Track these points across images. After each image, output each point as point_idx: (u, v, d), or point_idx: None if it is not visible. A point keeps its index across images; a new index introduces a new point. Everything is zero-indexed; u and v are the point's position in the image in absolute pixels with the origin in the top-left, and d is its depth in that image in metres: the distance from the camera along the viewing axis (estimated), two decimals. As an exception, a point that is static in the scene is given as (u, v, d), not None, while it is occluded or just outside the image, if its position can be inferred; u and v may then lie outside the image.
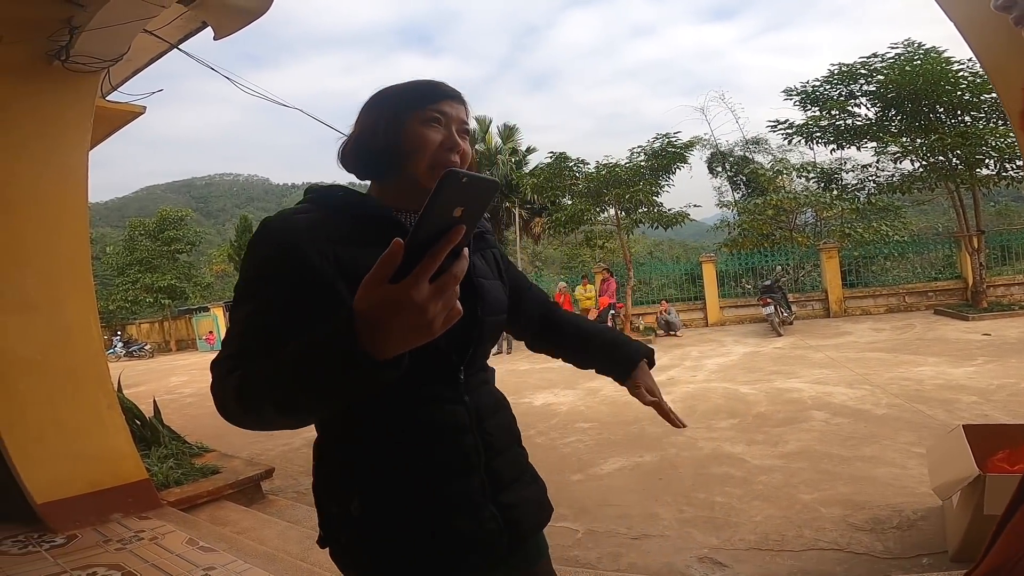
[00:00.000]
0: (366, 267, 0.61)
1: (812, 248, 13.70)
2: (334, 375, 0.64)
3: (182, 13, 3.59)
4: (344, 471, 0.90)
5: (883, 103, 12.40)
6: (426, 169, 0.90)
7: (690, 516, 3.53)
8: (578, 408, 6.71)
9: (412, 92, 0.93)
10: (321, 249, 0.83)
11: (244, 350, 0.79)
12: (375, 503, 0.88)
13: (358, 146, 0.95)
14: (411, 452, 0.88)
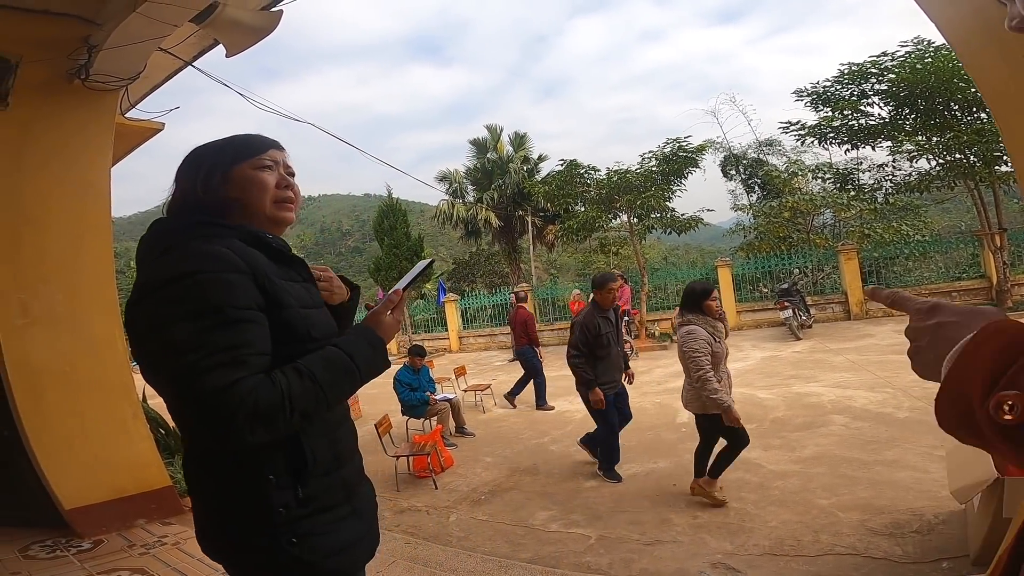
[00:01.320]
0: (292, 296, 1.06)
1: (830, 250, 13.48)
2: (378, 361, 1.08)
3: (195, 31, 3.71)
4: (286, 465, 1.01)
5: (896, 102, 12.21)
6: (271, 205, 1.11)
7: (704, 522, 3.51)
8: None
9: (241, 145, 1.13)
10: (272, 280, 1.03)
11: (255, 365, 0.94)
12: (313, 486, 1.04)
13: (187, 202, 1.09)
14: (335, 436, 1.11)
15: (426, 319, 18.41)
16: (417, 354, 6.38)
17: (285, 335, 1.01)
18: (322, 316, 1.14)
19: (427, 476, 4.88)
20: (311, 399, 0.95)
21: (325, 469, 1.06)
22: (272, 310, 1.00)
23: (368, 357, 1.05)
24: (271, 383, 0.92)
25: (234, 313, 0.93)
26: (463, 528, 3.88)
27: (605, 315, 4.48)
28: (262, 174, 1.10)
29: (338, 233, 73.00)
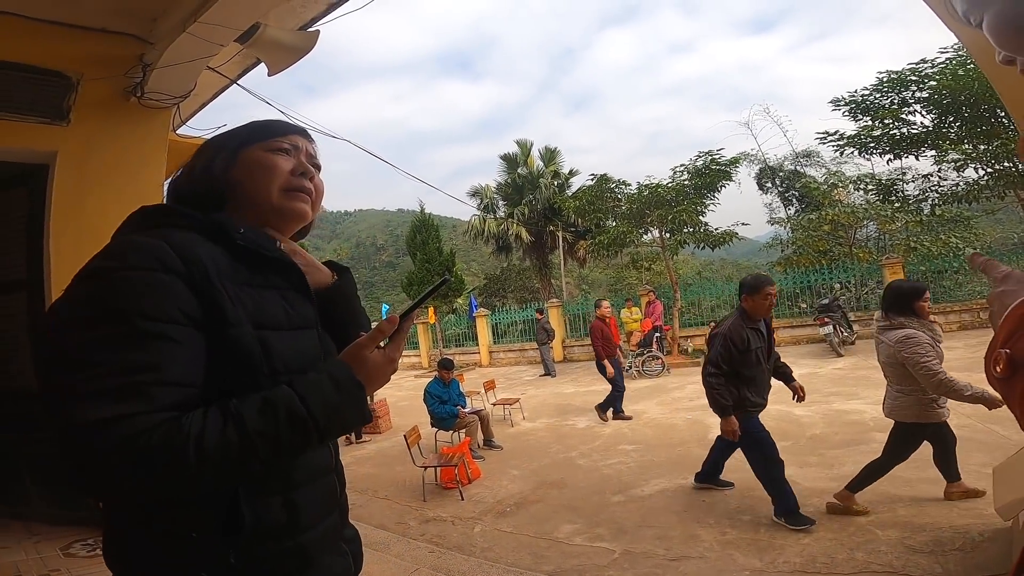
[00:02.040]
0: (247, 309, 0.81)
1: (874, 264, 13.01)
2: (348, 412, 0.80)
3: (239, 51, 3.92)
4: (215, 523, 0.78)
5: (939, 109, 11.81)
6: (279, 191, 0.94)
7: (733, 538, 3.40)
8: (622, 430, 6.59)
9: (258, 127, 0.99)
10: (225, 286, 0.81)
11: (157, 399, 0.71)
12: (253, 552, 0.80)
13: (191, 181, 0.95)
14: (292, 497, 0.85)
15: (457, 333, 18.56)
16: (446, 367, 6.44)
17: (230, 363, 0.78)
18: (295, 341, 0.87)
19: (454, 487, 4.89)
20: (232, 456, 0.70)
21: (274, 534, 0.82)
22: (213, 326, 0.77)
23: (331, 404, 0.77)
24: (174, 428, 0.68)
25: (144, 325, 0.71)
26: (487, 539, 3.87)
27: (755, 327, 3.69)
28: (274, 157, 0.95)
29: (372, 248, 74.54)
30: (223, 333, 0.78)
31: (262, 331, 0.82)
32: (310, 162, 0.99)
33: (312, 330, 0.93)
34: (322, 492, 0.91)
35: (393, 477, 5.62)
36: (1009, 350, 0.54)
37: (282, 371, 0.82)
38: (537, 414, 8.15)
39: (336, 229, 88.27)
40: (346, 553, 0.97)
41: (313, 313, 0.94)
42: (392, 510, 4.69)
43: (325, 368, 0.81)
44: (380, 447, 7.04)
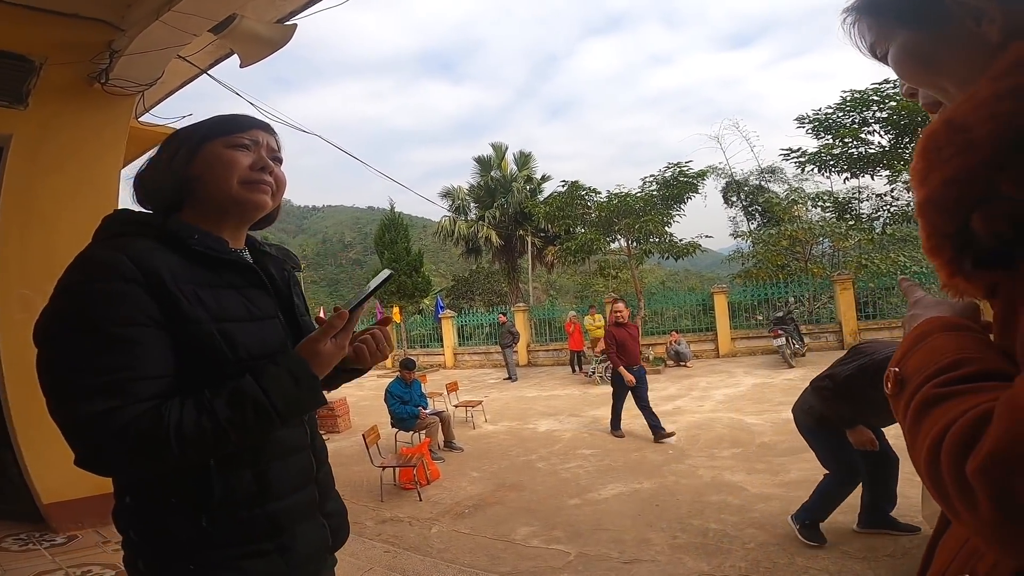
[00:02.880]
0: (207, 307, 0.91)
1: (826, 279, 13.58)
2: (304, 399, 0.92)
3: (212, 41, 3.84)
4: (190, 492, 0.91)
5: (897, 130, 12.38)
6: (237, 185, 0.99)
7: (683, 542, 3.52)
8: (581, 435, 6.70)
9: (220, 122, 1.03)
10: (182, 289, 0.89)
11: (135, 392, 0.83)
12: (223, 517, 0.92)
13: (155, 175, 1.01)
14: (263, 470, 0.95)
15: (422, 334, 18.45)
16: (408, 367, 6.42)
17: (197, 355, 0.89)
18: (257, 331, 0.98)
19: (412, 488, 4.89)
20: (208, 439, 0.83)
21: (245, 502, 0.93)
22: (176, 324, 0.88)
23: (290, 395, 0.90)
24: (156, 416, 0.82)
25: (113, 331, 0.82)
26: (444, 540, 3.89)
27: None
28: (234, 152, 0.99)
29: (340, 244, 73.29)
30: (185, 329, 0.88)
31: (224, 324, 0.92)
32: (271, 155, 1.04)
33: (274, 320, 1.03)
34: (295, 467, 1.01)
35: (350, 477, 5.57)
36: (898, 369, 0.56)
37: (247, 358, 0.92)
38: (499, 417, 8.20)
39: (303, 224, 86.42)
40: (324, 526, 1.07)
41: (273, 305, 1.04)
42: (349, 509, 4.58)
43: (285, 362, 0.92)
44: (338, 446, 6.96)
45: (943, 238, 0.53)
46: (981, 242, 0.50)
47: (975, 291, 0.55)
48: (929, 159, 0.53)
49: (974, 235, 0.50)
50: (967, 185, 0.49)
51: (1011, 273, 0.50)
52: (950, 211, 0.51)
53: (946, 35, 0.57)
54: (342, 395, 9.09)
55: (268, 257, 1.12)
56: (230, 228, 1.03)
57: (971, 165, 0.49)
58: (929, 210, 0.53)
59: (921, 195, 0.54)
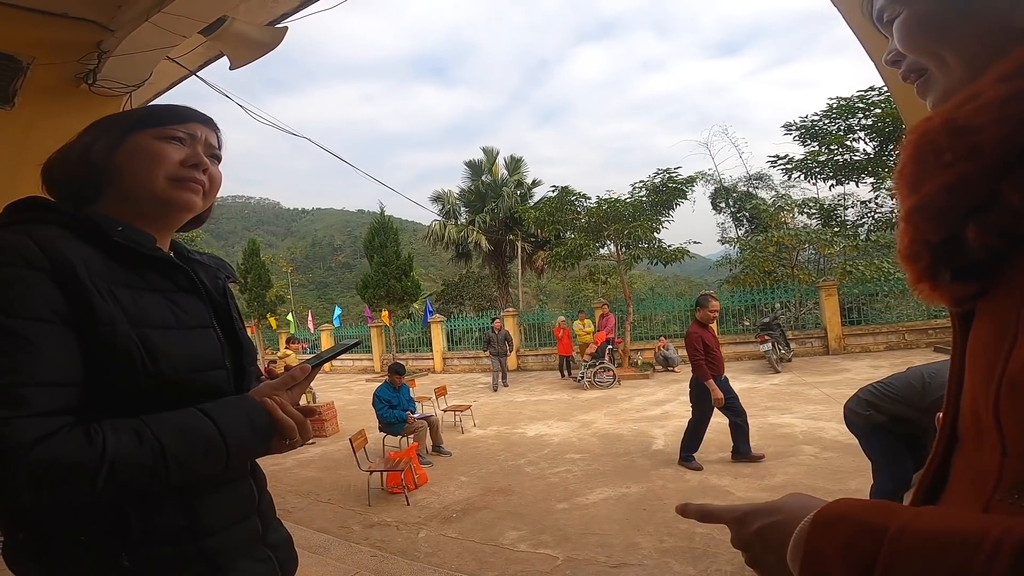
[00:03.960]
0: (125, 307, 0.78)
1: (812, 286, 13.75)
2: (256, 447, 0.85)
3: (202, 42, 3.82)
4: (107, 527, 0.77)
5: (881, 137, 12.55)
6: (164, 181, 0.87)
7: (670, 546, 3.54)
8: (570, 439, 6.71)
9: (152, 111, 0.92)
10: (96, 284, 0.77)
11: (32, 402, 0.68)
12: (148, 555, 0.79)
13: (69, 163, 0.89)
14: (191, 502, 0.83)
15: (411, 338, 18.38)
16: (397, 372, 6.41)
17: (107, 362, 0.75)
18: (185, 341, 0.84)
19: (400, 492, 4.87)
20: (144, 475, 0.71)
21: (171, 538, 0.80)
22: (85, 325, 0.74)
23: (245, 439, 0.81)
24: (85, 439, 0.68)
25: (7, 323, 0.68)
26: (432, 544, 3.88)
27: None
28: (163, 145, 0.88)
29: (329, 248, 72.89)
30: (94, 331, 0.74)
31: (143, 329, 0.79)
32: (209, 152, 0.94)
33: (208, 329, 0.90)
34: (232, 497, 0.90)
35: (337, 481, 5.54)
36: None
37: (170, 372, 0.80)
38: (488, 422, 8.19)
39: (292, 227, 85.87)
40: (269, 559, 0.95)
41: (207, 313, 0.91)
42: (335, 514, 4.63)
43: (243, 407, 0.83)
44: (325, 451, 6.91)
45: (924, 245, 0.50)
46: (969, 252, 0.47)
47: (943, 299, 0.52)
48: (924, 163, 0.49)
49: (961, 245, 0.47)
50: (966, 193, 0.46)
51: (994, 286, 0.47)
52: (942, 219, 0.48)
53: (975, 13, 0.53)
54: (330, 399, 9.03)
55: (199, 265, 1.00)
56: (151, 228, 0.89)
57: (974, 172, 0.45)
58: (919, 217, 0.50)
59: (912, 201, 0.50)
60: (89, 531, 0.77)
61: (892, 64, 0.62)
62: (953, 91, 0.54)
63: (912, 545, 0.40)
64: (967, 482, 0.52)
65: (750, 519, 0.55)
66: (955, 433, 0.56)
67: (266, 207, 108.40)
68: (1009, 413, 0.44)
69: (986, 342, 0.49)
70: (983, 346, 0.49)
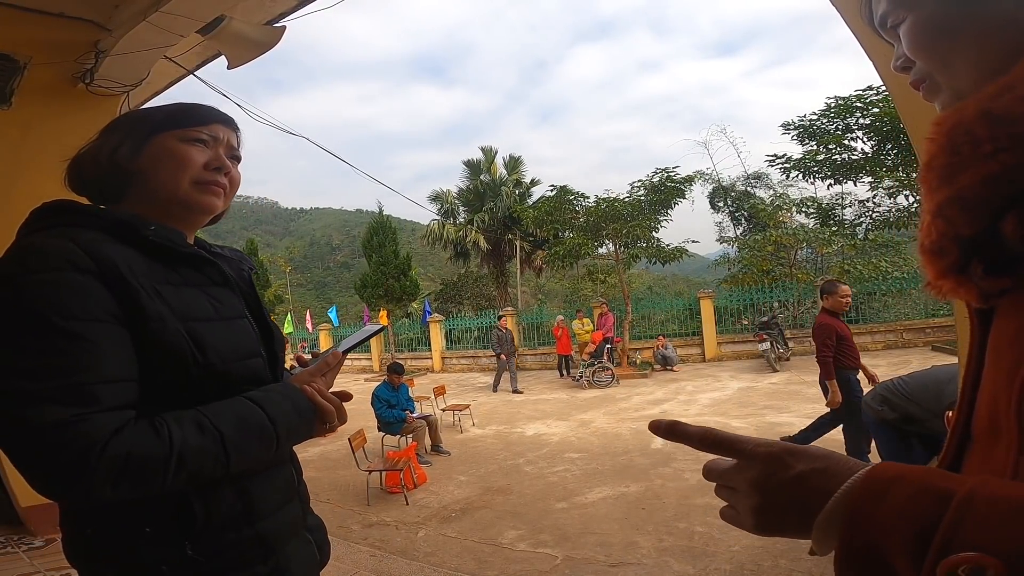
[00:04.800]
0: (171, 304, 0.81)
1: (810, 285, 13.76)
2: (302, 431, 0.89)
3: (200, 42, 3.82)
4: (171, 518, 0.80)
5: (879, 136, 12.54)
6: (188, 184, 0.89)
7: (669, 545, 3.55)
8: (569, 439, 6.72)
9: (175, 112, 0.92)
10: (142, 283, 0.79)
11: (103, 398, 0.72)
12: (210, 542, 0.82)
13: (96, 163, 0.90)
14: (246, 487, 0.86)
15: (410, 338, 18.38)
16: (396, 371, 6.40)
17: (160, 358, 0.78)
18: (227, 331, 0.87)
19: (399, 492, 4.87)
20: (209, 463, 0.75)
21: (231, 524, 0.84)
22: (137, 323, 0.76)
23: (293, 425, 0.86)
24: (152, 432, 0.71)
25: (67, 326, 0.70)
26: (431, 544, 3.88)
27: None
28: (188, 148, 0.89)
29: (328, 247, 72.89)
30: (146, 328, 0.77)
31: (190, 323, 0.82)
32: (230, 154, 0.95)
33: (243, 319, 0.93)
34: (278, 481, 0.93)
35: (335, 480, 5.54)
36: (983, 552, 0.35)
37: (217, 363, 0.82)
38: (487, 421, 8.19)
39: (290, 226, 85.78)
40: (310, 542, 0.99)
41: (240, 304, 0.95)
42: (333, 514, 4.63)
43: (287, 394, 0.87)
44: (323, 450, 6.91)
45: (954, 240, 0.48)
46: (1006, 246, 0.45)
47: (968, 296, 0.50)
48: (960, 155, 0.47)
49: (997, 238, 0.45)
50: (1007, 184, 0.44)
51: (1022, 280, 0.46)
52: (979, 211, 0.46)
53: (982, 13, 0.53)
54: (329, 399, 9.02)
55: (222, 258, 1.02)
56: (178, 228, 0.92)
57: (1016, 162, 0.44)
58: (953, 209, 0.47)
59: (945, 193, 0.48)
60: (154, 523, 0.79)
61: (901, 70, 0.61)
62: (964, 93, 0.54)
63: (986, 508, 0.37)
64: None
65: (790, 460, 0.47)
66: (968, 431, 0.55)
67: (264, 207, 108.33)
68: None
69: (1012, 338, 0.47)
70: (1008, 342, 0.48)
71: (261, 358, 0.93)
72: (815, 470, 0.46)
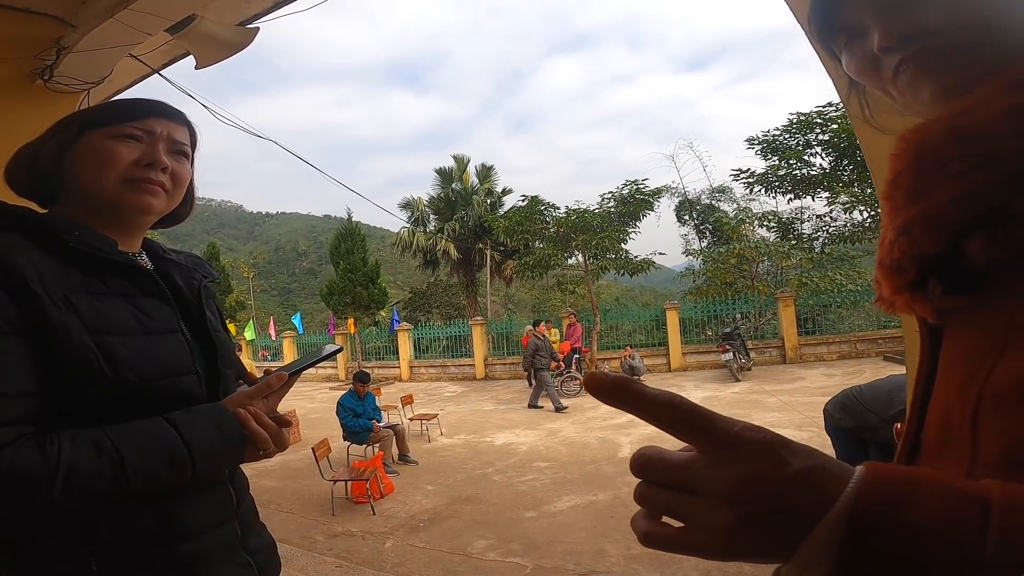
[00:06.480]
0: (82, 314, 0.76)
1: (770, 297, 14.21)
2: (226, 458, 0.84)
3: (168, 40, 3.72)
4: (74, 532, 0.76)
5: (837, 152, 13.00)
6: (116, 184, 0.83)
7: (637, 553, 3.59)
8: (537, 448, 6.74)
9: (107, 108, 0.88)
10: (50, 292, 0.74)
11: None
12: (119, 560, 0.78)
13: (28, 162, 0.86)
14: (165, 506, 0.81)
15: (378, 346, 18.12)
16: (362, 380, 6.31)
17: (67, 371, 0.74)
18: (150, 347, 0.82)
19: (365, 501, 4.79)
20: (104, 483, 0.70)
21: (145, 543, 0.79)
22: (39, 335, 0.72)
23: (214, 451, 0.79)
24: (37, 449, 0.68)
25: None
26: (399, 554, 3.83)
27: None
28: (115, 144, 0.84)
29: (294, 253, 71.43)
30: (49, 340, 0.73)
31: (103, 336, 0.77)
32: (173, 149, 0.89)
33: (175, 334, 0.87)
34: (208, 502, 0.88)
35: (299, 490, 5.41)
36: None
37: (132, 379, 0.78)
38: (455, 430, 8.14)
39: (255, 231, 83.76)
40: (249, 564, 0.93)
41: (174, 317, 0.88)
42: (297, 524, 4.52)
43: (212, 414, 0.82)
44: (285, 459, 6.72)
45: (915, 259, 0.48)
46: (968, 265, 0.44)
47: (923, 312, 0.49)
48: (927, 173, 0.47)
49: (958, 258, 0.45)
50: (974, 204, 0.44)
51: (978, 300, 0.45)
52: (944, 231, 0.45)
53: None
54: (291, 407, 8.81)
55: (173, 265, 0.97)
56: (113, 230, 0.86)
57: (986, 183, 0.43)
58: (918, 228, 0.47)
59: (912, 212, 0.47)
60: (56, 537, 0.75)
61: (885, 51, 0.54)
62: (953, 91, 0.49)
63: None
64: None
65: (784, 453, 0.33)
66: (917, 442, 0.54)
67: (228, 210, 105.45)
68: (988, 424, 0.43)
69: (967, 353, 0.46)
70: (963, 357, 0.47)
71: (196, 375, 0.87)
72: (816, 467, 0.34)
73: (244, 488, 0.99)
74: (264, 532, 1.02)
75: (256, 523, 1.01)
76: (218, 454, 0.80)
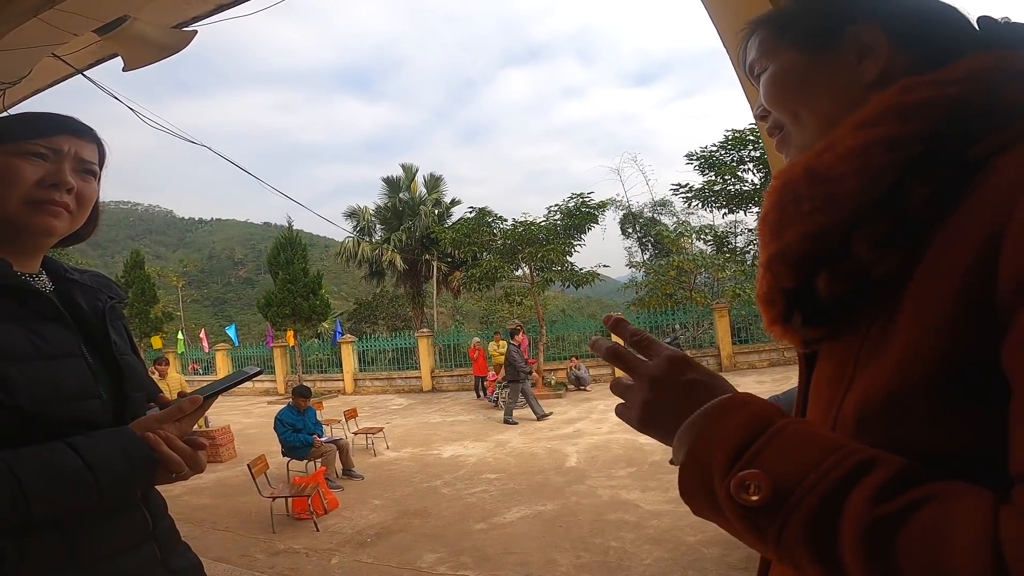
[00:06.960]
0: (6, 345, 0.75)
1: (707, 307, 14.85)
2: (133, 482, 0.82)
3: (96, 41, 3.53)
4: None
5: (766, 168, 13.90)
6: (20, 205, 0.81)
7: (586, 561, 3.65)
8: (486, 459, 6.72)
9: (12, 125, 0.85)
10: None
11: None
12: None
13: None
14: (72, 529, 0.80)
15: (320, 359, 17.56)
16: (302, 395, 6.11)
17: None
18: (48, 372, 0.79)
19: (308, 518, 4.63)
20: (1, 511, 0.69)
21: (52, 566, 0.78)
22: None
23: (120, 475, 0.78)
24: None
25: None
26: (346, 571, 3.72)
27: None
28: (18, 163, 0.81)
29: (229, 262, 68.25)
30: None
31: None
32: (80, 168, 0.87)
33: (76, 358, 0.84)
34: (122, 524, 0.86)
35: (235, 508, 5.16)
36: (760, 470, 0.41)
37: (28, 405, 0.75)
38: (402, 444, 7.99)
39: (186, 237, 79.53)
40: None
41: (75, 341, 0.86)
42: (235, 542, 4.31)
43: (119, 439, 0.80)
44: (220, 476, 6.41)
45: (779, 292, 0.51)
46: (820, 299, 0.48)
47: (792, 341, 0.54)
48: (786, 212, 0.50)
49: (812, 292, 0.48)
50: (822, 242, 0.47)
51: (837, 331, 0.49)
52: (798, 267, 0.49)
53: (826, 64, 0.56)
54: (225, 422, 8.40)
55: (76, 285, 0.94)
56: (9, 251, 0.83)
57: (830, 221, 0.46)
58: (779, 264, 0.50)
59: (773, 249, 0.51)
60: None
61: (760, 119, 0.63)
62: (807, 147, 0.54)
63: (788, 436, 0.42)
64: None
65: (686, 367, 0.51)
66: None
67: (156, 215, 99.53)
68: None
69: (827, 382, 0.51)
70: (824, 385, 0.52)
71: (99, 400, 0.85)
72: (701, 382, 0.49)
73: (161, 509, 0.97)
74: (188, 552, 1.00)
75: (178, 544, 0.99)
76: (125, 477, 0.79)
